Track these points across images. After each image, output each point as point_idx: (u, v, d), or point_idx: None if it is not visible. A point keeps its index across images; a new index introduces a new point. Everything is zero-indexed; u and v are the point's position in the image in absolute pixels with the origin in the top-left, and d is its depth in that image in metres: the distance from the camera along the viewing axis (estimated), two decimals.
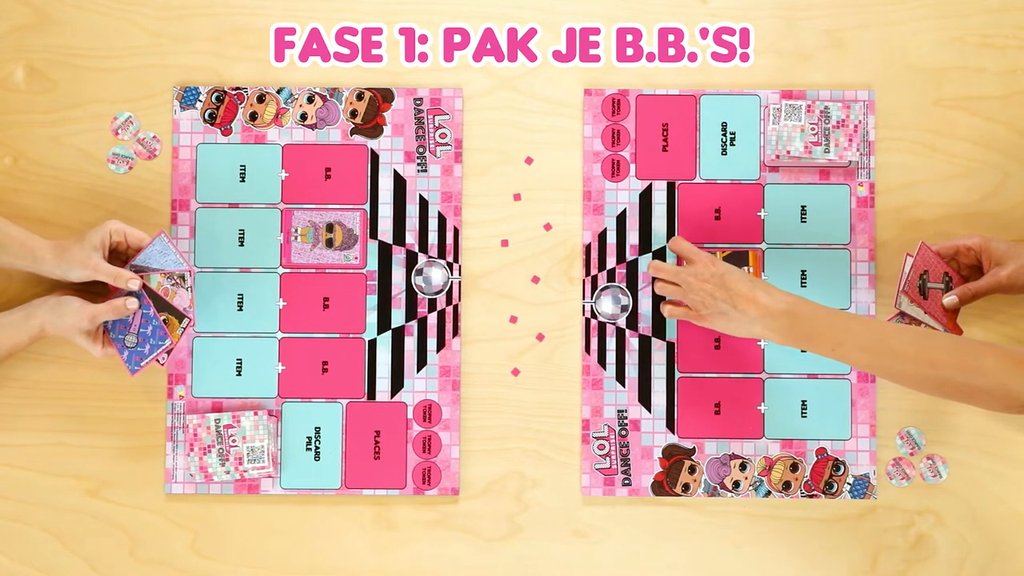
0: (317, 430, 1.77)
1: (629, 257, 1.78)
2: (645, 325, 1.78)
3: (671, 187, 1.79)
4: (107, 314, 1.68)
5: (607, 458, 1.77)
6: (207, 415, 1.74)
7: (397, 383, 1.78)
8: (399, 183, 1.79)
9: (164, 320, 1.70)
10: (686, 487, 1.77)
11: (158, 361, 1.70)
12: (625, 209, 1.79)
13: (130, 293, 1.70)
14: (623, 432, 1.77)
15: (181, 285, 1.71)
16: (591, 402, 1.78)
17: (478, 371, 1.78)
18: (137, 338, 1.70)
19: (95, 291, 1.73)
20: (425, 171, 1.79)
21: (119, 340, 1.70)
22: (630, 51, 1.81)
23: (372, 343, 1.78)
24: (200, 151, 1.79)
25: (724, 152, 1.79)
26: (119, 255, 1.71)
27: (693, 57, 1.80)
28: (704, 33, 1.80)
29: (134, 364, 1.70)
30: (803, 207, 1.78)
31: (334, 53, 1.80)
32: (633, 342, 1.78)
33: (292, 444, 1.77)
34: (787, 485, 1.77)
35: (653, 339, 1.78)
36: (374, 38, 1.81)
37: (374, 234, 1.79)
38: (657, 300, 1.78)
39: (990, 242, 1.68)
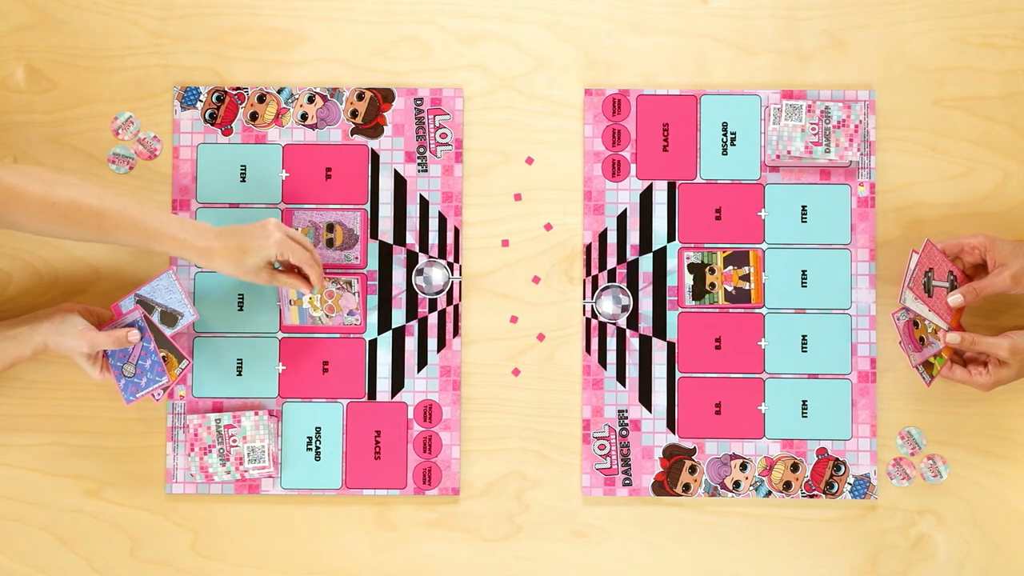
0: (317, 430, 1.77)
1: (630, 257, 1.78)
2: (646, 325, 1.78)
3: (672, 187, 1.79)
4: (107, 343, 1.66)
5: (608, 458, 1.77)
6: (207, 415, 1.74)
7: (397, 383, 1.78)
8: (399, 183, 1.79)
9: (163, 357, 1.69)
10: (687, 487, 1.77)
11: (153, 396, 1.70)
12: (626, 209, 1.79)
13: (132, 323, 1.69)
14: (624, 432, 1.77)
15: (348, 290, 1.73)
16: (591, 402, 1.78)
17: (478, 371, 1.78)
18: (135, 369, 1.69)
19: (86, 293, 1.73)
20: (425, 171, 1.79)
21: (117, 367, 1.70)
22: (630, 51, 1.81)
23: (372, 343, 1.78)
24: (201, 151, 1.79)
25: (725, 152, 1.79)
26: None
27: (693, 57, 1.80)
28: (704, 33, 1.80)
29: (129, 394, 1.70)
30: (803, 207, 1.79)
31: (334, 53, 1.80)
32: (634, 342, 1.78)
33: (293, 444, 1.77)
34: (788, 485, 1.77)
35: (654, 339, 1.78)
36: (374, 38, 1.81)
37: (375, 234, 1.79)
38: (658, 299, 1.78)
39: (995, 241, 1.68)
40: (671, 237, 1.79)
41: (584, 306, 1.79)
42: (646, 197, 1.79)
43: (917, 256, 1.68)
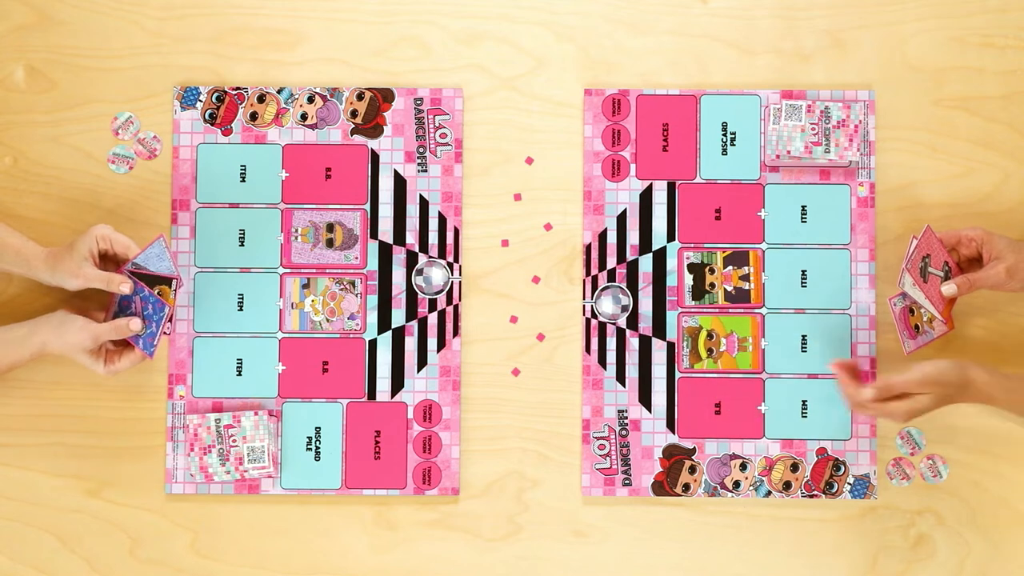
0: (317, 430, 1.77)
1: (629, 257, 1.78)
2: (645, 325, 1.78)
3: (671, 187, 1.79)
4: (109, 334, 1.66)
5: (607, 458, 1.77)
6: (207, 415, 1.74)
7: (397, 383, 1.78)
8: (399, 183, 1.79)
9: (158, 292, 1.69)
10: (686, 487, 1.77)
11: (165, 333, 1.70)
12: (625, 209, 1.79)
13: (128, 306, 1.69)
14: (623, 432, 1.77)
15: (351, 291, 1.73)
16: (591, 402, 1.78)
17: (478, 371, 1.78)
18: (143, 322, 1.69)
19: (87, 297, 1.73)
20: (425, 171, 1.79)
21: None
22: (630, 51, 1.81)
23: (372, 343, 1.78)
24: (200, 151, 1.79)
25: (724, 152, 1.79)
26: (111, 260, 1.70)
27: (693, 57, 1.80)
28: (704, 33, 1.80)
29: (149, 347, 1.69)
30: (803, 207, 1.79)
31: (334, 53, 1.80)
32: (633, 342, 1.78)
33: (292, 444, 1.77)
34: (787, 485, 1.77)
35: (653, 339, 1.78)
36: (374, 38, 1.81)
37: (374, 234, 1.79)
38: (657, 299, 1.78)
39: (992, 236, 1.68)
40: (671, 237, 1.79)
41: (584, 306, 1.79)
42: (646, 197, 1.79)
43: (916, 241, 1.68)
